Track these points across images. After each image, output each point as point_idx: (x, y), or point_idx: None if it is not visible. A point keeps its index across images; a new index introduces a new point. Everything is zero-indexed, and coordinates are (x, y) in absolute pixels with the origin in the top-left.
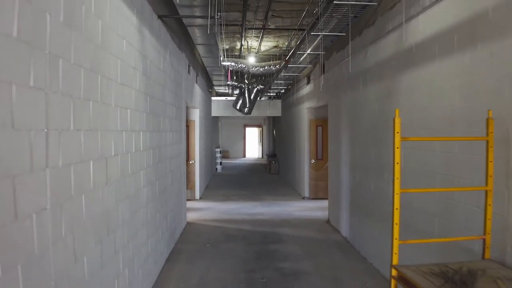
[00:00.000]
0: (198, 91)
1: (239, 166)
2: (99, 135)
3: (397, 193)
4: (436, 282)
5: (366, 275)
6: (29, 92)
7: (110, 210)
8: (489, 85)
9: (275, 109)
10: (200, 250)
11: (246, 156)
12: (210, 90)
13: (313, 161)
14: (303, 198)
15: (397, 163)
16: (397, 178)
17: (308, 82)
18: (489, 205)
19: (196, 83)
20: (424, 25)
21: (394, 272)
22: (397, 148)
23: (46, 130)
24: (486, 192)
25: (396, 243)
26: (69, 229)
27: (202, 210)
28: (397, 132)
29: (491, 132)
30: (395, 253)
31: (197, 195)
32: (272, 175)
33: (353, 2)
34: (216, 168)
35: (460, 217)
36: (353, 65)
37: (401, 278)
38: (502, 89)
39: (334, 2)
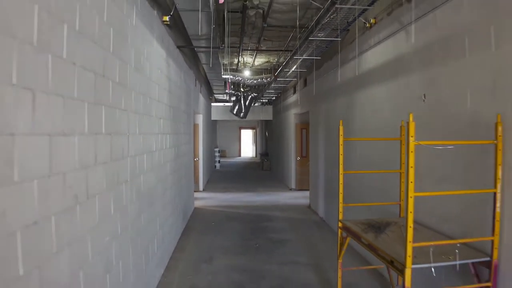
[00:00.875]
0: (201, 99)
1: (235, 164)
2: (148, 137)
3: (341, 173)
4: (362, 227)
5: (334, 243)
6: (122, 112)
7: (153, 187)
8: (404, 104)
9: (267, 114)
10: (207, 227)
11: (242, 155)
12: (211, 97)
13: (298, 158)
14: (290, 189)
15: (341, 154)
16: (341, 164)
17: (294, 92)
18: (402, 182)
19: (200, 93)
20: (371, 59)
21: (340, 224)
22: (341, 145)
23: (128, 134)
24: (400, 174)
25: (340, 205)
26: (136, 196)
27: (206, 199)
28: (341, 135)
29: (403, 135)
30: (340, 212)
31: (201, 187)
32: (264, 171)
33: (323, 38)
34: (215, 166)
35: (390, 191)
36: (327, 82)
37: (344, 228)
38: (410, 107)
39: (309, 38)
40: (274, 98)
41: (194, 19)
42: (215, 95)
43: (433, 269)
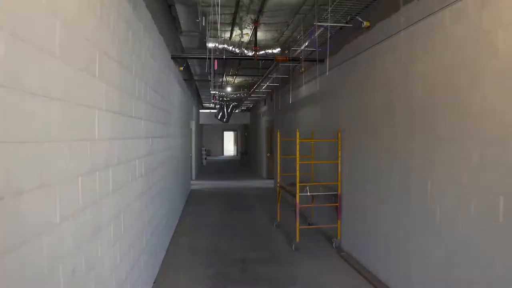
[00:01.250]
0: (194, 109)
1: (219, 161)
2: (174, 138)
3: (279, 158)
4: (288, 184)
5: (285, 207)
6: (170, 126)
7: (175, 168)
8: (314, 120)
9: (245, 119)
10: (201, 200)
11: (224, 154)
12: (199, 105)
13: (268, 154)
14: (262, 178)
15: (279, 147)
16: (279, 153)
17: (265, 104)
18: (311, 162)
19: (194, 105)
20: (305, 90)
21: (278, 184)
22: (279, 142)
23: (170, 137)
24: (311, 158)
25: (278, 174)
26: (170, 170)
27: (198, 184)
28: (279, 137)
29: (312, 136)
30: (279, 177)
31: (193, 177)
32: (243, 166)
33: (276, 76)
34: (202, 162)
35: (307, 167)
36: (282, 101)
37: (280, 186)
38: (318, 122)
39: (268, 76)
40: (251, 106)
41: (197, 67)
42: (203, 104)
43: (308, 194)
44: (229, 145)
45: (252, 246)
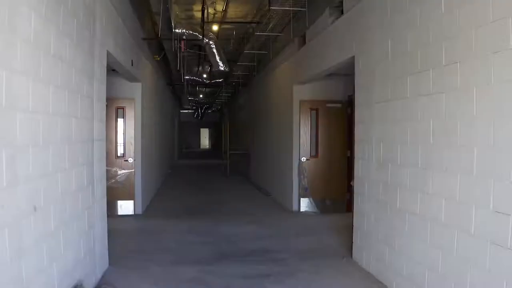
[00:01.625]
0: (177, 110)
1: (196, 151)
2: (170, 131)
3: (227, 140)
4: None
5: (247, 184)
6: (171, 123)
7: (165, 155)
8: (245, 116)
9: (216, 118)
10: (181, 167)
11: (201, 147)
12: (180, 107)
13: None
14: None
15: (228, 133)
16: (228, 136)
17: (226, 107)
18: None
19: (177, 107)
20: (240, 100)
21: (224, 151)
22: (228, 130)
23: (174, 134)
24: (243, 137)
25: (225, 146)
26: (163, 151)
27: (179, 162)
28: (227, 126)
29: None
30: (226, 148)
31: (176, 158)
32: (213, 154)
33: (227, 90)
34: (182, 151)
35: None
36: (239, 103)
37: (224, 151)
38: (245, 118)
39: (224, 84)
40: (219, 108)
41: (178, 86)
42: (183, 106)
43: (236, 152)
44: (205, 140)
45: (207, 180)
